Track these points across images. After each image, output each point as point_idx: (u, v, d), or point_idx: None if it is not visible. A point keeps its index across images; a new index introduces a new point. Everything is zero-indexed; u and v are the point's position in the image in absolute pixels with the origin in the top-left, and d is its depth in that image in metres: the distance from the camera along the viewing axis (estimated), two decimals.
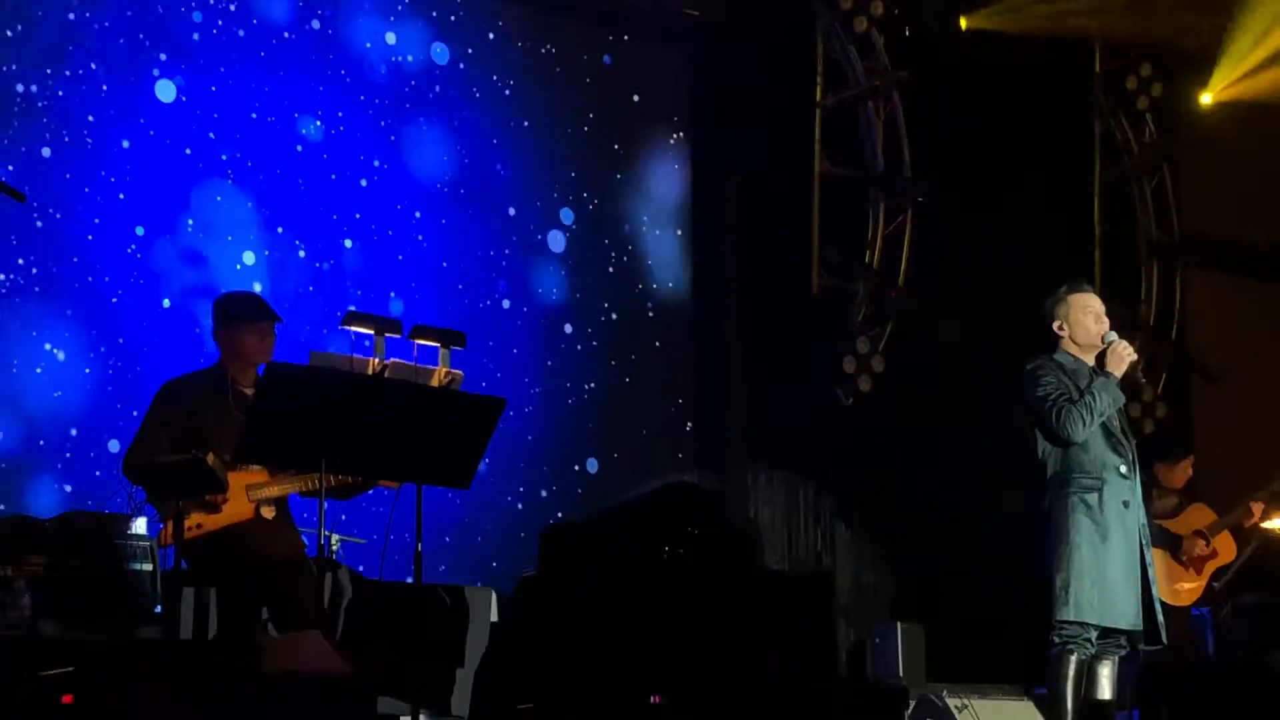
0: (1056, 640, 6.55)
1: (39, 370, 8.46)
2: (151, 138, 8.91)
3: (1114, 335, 6.74)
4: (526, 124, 10.23)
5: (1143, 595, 6.60)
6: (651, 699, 4.83)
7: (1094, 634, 6.56)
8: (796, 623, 5.30)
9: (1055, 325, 6.80)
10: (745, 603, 5.00)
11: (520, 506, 9.84)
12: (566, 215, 10.35)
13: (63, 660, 4.27)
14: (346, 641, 6.50)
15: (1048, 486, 6.65)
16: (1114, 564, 6.54)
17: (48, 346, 8.49)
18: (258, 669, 4.40)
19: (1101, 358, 6.73)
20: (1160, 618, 6.62)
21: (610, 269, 10.53)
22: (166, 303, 8.87)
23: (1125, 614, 6.54)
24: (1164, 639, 6.64)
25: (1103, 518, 6.55)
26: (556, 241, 10.31)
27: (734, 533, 5.12)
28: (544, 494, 9.98)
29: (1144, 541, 6.65)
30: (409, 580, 6.41)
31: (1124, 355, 6.68)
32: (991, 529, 9.63)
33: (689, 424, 10.70)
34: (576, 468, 10.17)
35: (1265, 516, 8.92)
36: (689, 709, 4.79)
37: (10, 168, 8.32)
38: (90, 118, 8.74)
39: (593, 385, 10.33)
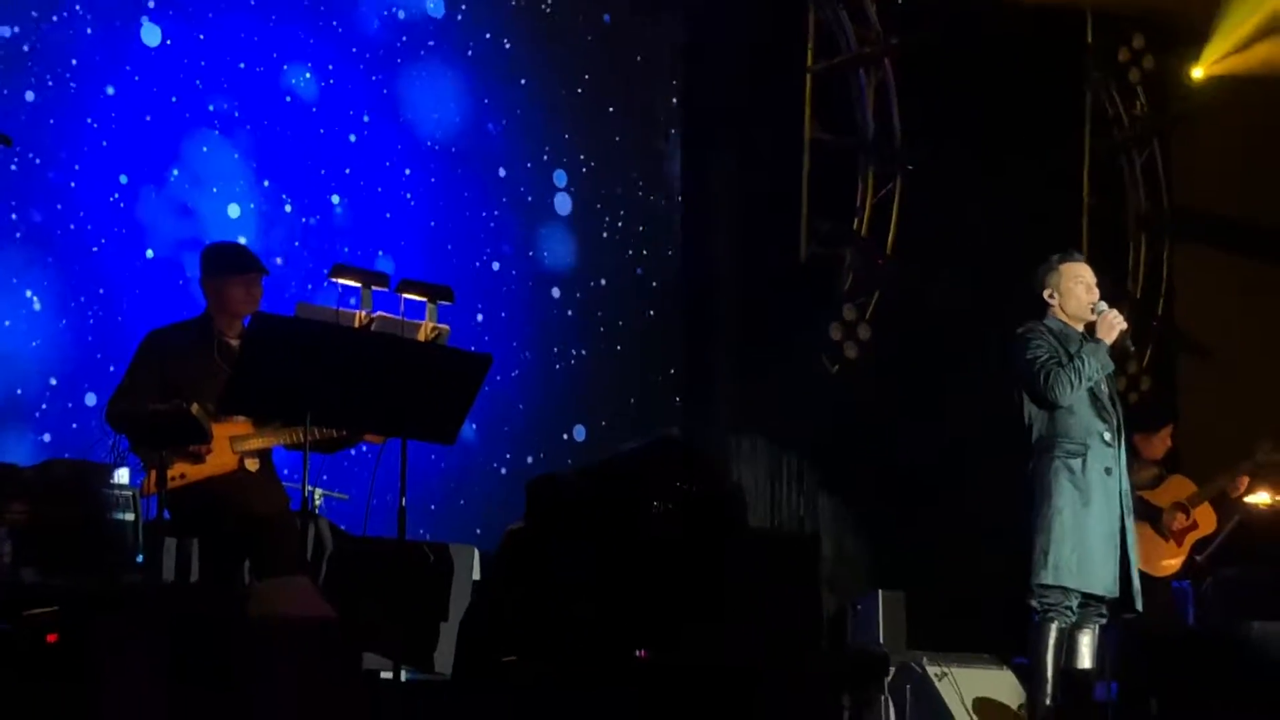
0: (1038, 608, 6.58)
1: (9, 322, 8.31)
2: (137, 84, 8.78)
3: (1104, 305, 6.76)
4: (523, 82, 10.10)
5: (1121, 562, 6.63)
6: (637, 653, 4.82)
7: (1075, 601, 6.58)
8: (782, 581, 5.30)
9: (1045, 293, 6.81)
10: (732, 559, 4.99)
11: (504, 472, 9.78)
12: (560, 178, 10.25)
13: (47, 604, 4.25)
14: (328, 596, 6.46)
15: (1032, 451, 6.66)
16: (1094, 530, 6.58)
17: (28, 294, 8.41)
18: (244, 612, 4.38)
19: (1090, 327, 6.75)
20: (1137, 585, 6.65)
21: (603, 234, 10.41)
22: (150, 253, 8.79)
23: (1103, 580, 6.58)
24: (1139, 606, 6.66)
25: (1085, 483, 6.59)
26: (547, 204, 10.20)
27: (723, 489, 5.11)
28: (530, 460, 9.92)
29: (1125, 508, 6.69)
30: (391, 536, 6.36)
31: (1114, 323, 6.70)
32: (975, 498, 9.63)
33: (676, 394, 10.63)
34: (565, 435, 10.09)
35: (1249, 490, 8.93)
36: (674, 664, 4.78)
37: None
38: (74, 61, 8.63)
39: (582, 351, 10.25)
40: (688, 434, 10.12)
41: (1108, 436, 6.67)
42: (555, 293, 10.17)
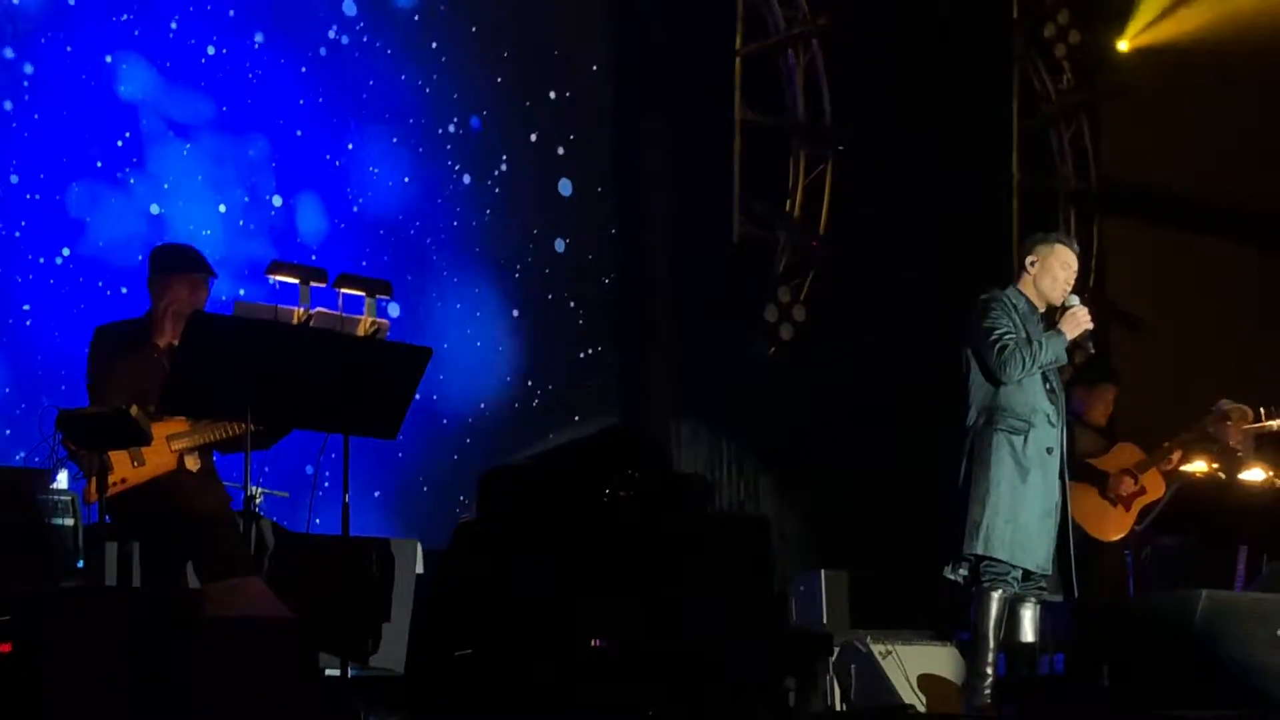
0: (983, 579, 6.61)
1: None
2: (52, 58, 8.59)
3: (1075, 300, 6.78)
4: (443, 59, 9.98)
5: (1060, 547, 6.67)
6: (593, 643, 4.81)
7: (1018, 573, 6.61)
8: (736, 565, 5.30)
9: (1028, 260, 6.81)
10: (685, 546, 4.99)
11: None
12: (495, 163, 10.14)
13: None
14: None
15: (974, 422, 6.67)
16: (1031, 506, 6.62)
17: None
18: (200, 615, 4.34)
19: (1050, 313, 6.78)
20: (1074, 571, 6.70)
21: (533, 214, 10.30)
22: (66, 251, 8.66)
23: (1035, 556, 6.63)
24: (1076, 594, 6.71)
25: (1025, 459, 6.62)
26: (476, 185, 10.09)
27: (674, 476, 5.11)
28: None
29: (1063, 490, 6.72)
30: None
31: (1081, 321, 6.72)
32: (912, 477, 9.67)
33: (612, 374, 10.58)
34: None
35: (1184, 460, 8.99)
36: (631, 653, 4.77)
37: None
38: None
39: (517, 334, 10.16)
40: (626, 421, 10.09)
41: (1053, 418, 6.71)
42: (488, 275, 10.04)
